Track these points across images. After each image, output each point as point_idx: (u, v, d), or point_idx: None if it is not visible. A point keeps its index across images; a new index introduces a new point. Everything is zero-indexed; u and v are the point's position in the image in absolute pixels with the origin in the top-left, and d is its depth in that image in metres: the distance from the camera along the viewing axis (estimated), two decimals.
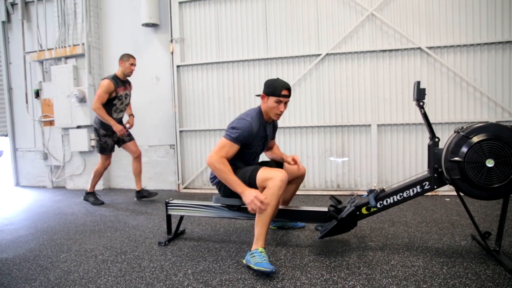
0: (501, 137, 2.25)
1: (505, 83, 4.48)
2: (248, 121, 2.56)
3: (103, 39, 5.84)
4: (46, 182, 6.25)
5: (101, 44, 5.84)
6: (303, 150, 5.07)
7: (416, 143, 4.73)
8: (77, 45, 5.68)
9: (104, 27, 5.82)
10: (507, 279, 2.10)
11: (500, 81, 4.49)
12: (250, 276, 2.27)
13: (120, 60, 4.37)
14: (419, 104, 2.54)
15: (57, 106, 5.80)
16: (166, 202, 3.04)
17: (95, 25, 5.73)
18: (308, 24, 4.99)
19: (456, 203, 4.07)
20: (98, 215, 4.09)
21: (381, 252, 2.61)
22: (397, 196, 2.57)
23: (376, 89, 4.82)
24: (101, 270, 2.46)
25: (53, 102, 5.86)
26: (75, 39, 5.74)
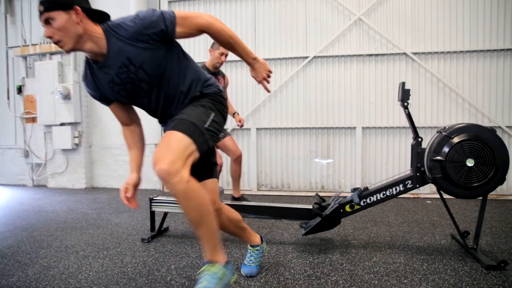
0: (481, 137, 2.31)
1: (486, 90, 4.60)
2: None
3: None
4: (27, 180, 6.12)
5: None
6: (289, 151, 5.10)
7: (400, 146, 4.81)
8: None
9: None
10: (483, 275, 2.15)
11: (481, 88, 4.61)
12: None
13: (210, 48, 3.51)
14: (403, 105, 2.59)
15: (40, 102, 5.70)
16: (150, 199, 3.02)
17: None
18: (296, 26, 5.04)
19: (437, 205, 4.14)
20: (80, 212, 4.02)
21: (363, 250, 2.64)
22: (380, 194, 2.60)
23: (361, 92, 4.89)
24: (82, 266, 2.42)
25: (36, 99, 5.76)
26: None
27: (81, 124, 5.68)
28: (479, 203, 2.48)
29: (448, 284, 2.03)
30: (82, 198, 4.89)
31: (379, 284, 2.05)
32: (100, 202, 4.62)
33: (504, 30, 4.55)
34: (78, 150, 5.72)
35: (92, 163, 5.87)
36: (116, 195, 5.07)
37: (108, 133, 5.77)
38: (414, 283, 2.05)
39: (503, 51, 4.56)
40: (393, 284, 2.05)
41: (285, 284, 2.08)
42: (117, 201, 4.67)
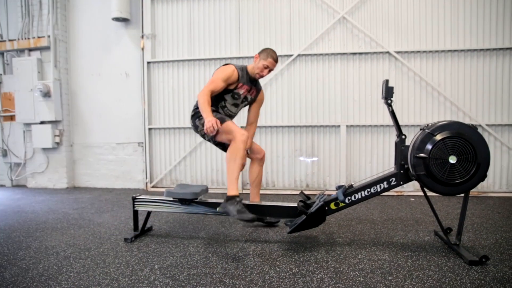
0: (463, 134, 2.34)
1: (466, 89, 4.68)
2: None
3: (71, 32, 5.65)
4: (5, 180, 5.96)
5: (68, 37, 5.66)
6: (273, 150, 5.09)
7: (384, 144, 4.85)
8: (42, 37, 5.47)
9: (71, 19, 5.64)
10: (466, 270, 2.18)
11: (462, 87, 4.69)
12: (218, 271, 2.24)
13: (257, 55, 3.04)
14: (387, 102, 2.61)
15: (19, 100, 5.55)
16: (133, 197, 2.96)
17: (62, 17, 5.54)
18: (280, 24, 5.04)
19: (420, 202, 4.20)
20: (61, 212, 3.93)
21: (348, 247, 2.65)
22: (365, 191, 2.61)
23: (345, 90, 4.91)
24: (63, 267, 2.36)
25: (14, 96, 5.61)
26: (40, 31, 5.53)
27: (62, 123, 5.56)
28: (460, 200, 2.52)
29: (432, 280, 2.05)
30: (64, 198, 4.79)
31: (364, 281, 2.06)
32: (82, 202, 4.53)
33: (483, 30, 4.64)
34: (59, 149, 5.59)
35: (73, 162, 5.75)
36: (99, 194, 4.98)
37: (90, 132, 5.66)
38: (399, 280, 2.06)
39: (483, 51, 4.64)
40: (378, 281, 2.05)
41: (270, 282, 2.06)
42: (100, 200, 4.59)
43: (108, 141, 5.62)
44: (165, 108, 5.39)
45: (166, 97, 5.38)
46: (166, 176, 5.42)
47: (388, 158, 4.83)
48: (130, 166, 5.59)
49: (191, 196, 2.78)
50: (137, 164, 5.56)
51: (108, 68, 5.55)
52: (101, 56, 5.57)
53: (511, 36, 4.59)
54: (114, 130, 5.57)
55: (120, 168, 5.61)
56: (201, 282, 2.08)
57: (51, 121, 5.46)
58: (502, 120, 4.64)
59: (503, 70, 4.63)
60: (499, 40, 4.61)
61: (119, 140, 5.59)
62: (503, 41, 4.60)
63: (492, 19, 4.62)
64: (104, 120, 5.61)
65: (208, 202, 2.82)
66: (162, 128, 5.39)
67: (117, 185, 5.61)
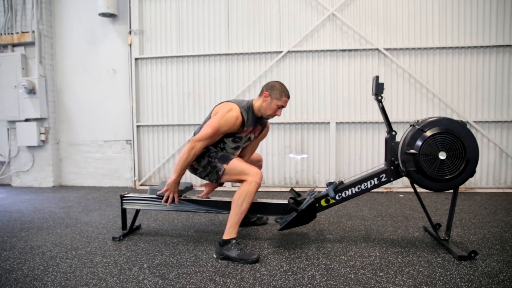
0: (452, 131, 2.35)
1: (454, 86, 4.72)
2: None
3: (56, 28, 5.53)
4: None
5: (54, 32, 5.54)
6: (263, 147, 5.07)
7: (373, 141, 4.87)
8: (26, 33, 5.34)
9: (57, 14, 5.52)
10: (455, 265, 2.19)
11: (450, 84, 4.73)
12: (208, 269, 2.21)
13: (266, 92, 2.59)
14: (377, 98, 2.60)
15: (3, 97, 5.42)
16: (121, 196, 2.91)
17: (47, 12, 5.42)
18: (270, 21, 5.01)
19: (409, 199, 4.22)
20: (47, 212, 3.86)
21: (339, 244, 2.64)
22: (355, 188, 2.61)
23: (335, 87, 4.91)
24: (49, 267, 2.30)
25: None
26: (24, 26, 5.39)
27: (47, 120, 5.44)
28: (448, 196, 2.54)
29: (423, 276, 2.05)
30: (50, 197, 4.70)
31: (355, 277, 2.05)
32: (68, 200, 4.45)
33: (471, 28, 4.68)
34: (44, 147, 5.48)
35: (60, 160, 5.65)
36: (86, 193, 4.90)
37: (77, 129, 5.56)
38: (390, 276, 2.06)
39: (470, 48, 4.68)
40: (369, 277, 2.05)
41: (261, 280, 2.04)
42: (87, 199, 4.51)
43: (95, 139, 5.53)
44: (153, 105, 5.32)
45: (154, 94, 5.31)
46: (154, 174, 5.36)
47: (378, 155, 4.85)
48: (118, 164, 5.51)
49: None
50: (125, 162, 5.48)
51: (95, 64, 5.45)
52: (88, 52, 5.47)
53: (497, 34, 4.64)
54: (101, 128, 5.49)
55: (108, 166, 5.53)
56: (191, 281, 2.05)
57: (36, 118, 5.35)
58: (489, 117, 4.70)
59: (490, 67, 4.68)
60: (486, 38, 4.66)
61: (106, 137, 5.51)
62: (490, 39, 4.65)
63: (479, 17, 4.66)
64: (91, 117, 5.52)
65: (197, 200, 2.79)
66: (151, 125, 5.33)
67: (105, 183, 5.53)
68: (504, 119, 4.66)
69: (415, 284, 1.94)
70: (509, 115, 4.67)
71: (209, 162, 2.61)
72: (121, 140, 5.48)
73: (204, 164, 2.62)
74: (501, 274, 2.06)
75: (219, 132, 2.49)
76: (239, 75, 5.09)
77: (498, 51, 4.65)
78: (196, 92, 5.20)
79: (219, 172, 2.57)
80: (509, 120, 4.66)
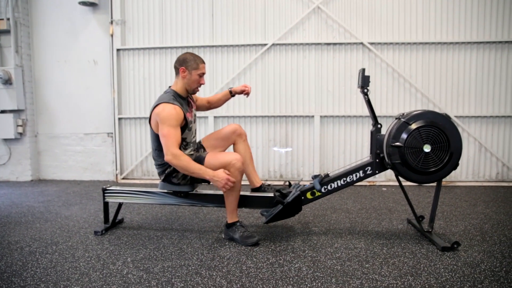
0: (437, 123, 2.37)
1: (437, 81, 4.79)
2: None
3: (33, 16, 5.34)
4: None
5: (31, 21, 5.35)
6: None
7: (357, 135, 4.90)
8: (1, 20, 5.12)
9: (34, 2, 5.31)
10: (439, 256, 2.23)
11: (432, 78, 4.79)
12: (193, 262, 2.19)
13: (182, 67, 2.54)
14: (363, 91, 2.61)
15: None
16: (104, 189, 2.85)
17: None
18: (255, 13, 4.96)
19: (392, 192, 4.28)
20: (25, 206, 3.74)
21: (325, 236, 2.65)
22: (341, 181, 2.61)
23: (320, 81, 4.91)
24: (28, 263, 2.23)
25: None
26: None
27: (25, 112, 5.27)
28: (430, 189, 2.58)
29: (408, 267, 2.07)
30: (28, 191, 4.57)
31: (341, 269, 2.06)
32: (48, 194, 4.34)
33: (453, 24, 4.74)
34: (22, 139, 5.32)
35: (38, 153, 5.49)
36: (67, 187, 4.79)
37: (56, 121, 5.41)
38: (376, 267, 2.07)
39: (452, 44, 4.75)
40: (355, 268, 2.06)
41: (248, 273, 2.03)
42: (67, 193, 4.41)
43: (76, 132, 5.40)
44: (136, 97, 5.22)
45: (136, 85, 5.21)
46: (137, 167, 5.27)
47: (361, 148, 4.89)
48: (99, 157, 5.39)
49: (188, 188, 2.67)
50: (106, 155, 5.37)
51: (75, 55, 5.31)
52: (68, 42, 5.31)
53: (478, 31, 4.72)
54: (82, 120, 5.35)
55: (89, 159, 5.41)
56: (176, 274, 2.02)
57: (13, 110, 5.17)
58: (469, 112, 4.79)
59: (471, 63, 4.76)
60: (467, 34, 4.73)
61: (87, 130, 5.38)
62: (471, 36, 4.73)
63: (461, 13, 4.72)
64: (71, 109, 5.37)
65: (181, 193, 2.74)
66: (133, 117, 5.23)
67: (86, 177, 5.41)
68: (484, 114, 4.75)
69: (400, 275, 1.96)
70: (489, 110, 4.77)
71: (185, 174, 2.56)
72: (103, 133, 5.36)
73: (181, 176, 2.59)
74: (482, 264, 2.10)
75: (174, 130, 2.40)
76: (223, 67, 5.04)
77: (479, 48, 4.74)
78: None
79: None
80: (488, 115, 4.76)
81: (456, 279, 1.90)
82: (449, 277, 1.93)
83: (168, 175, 2.60)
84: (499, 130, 4.78)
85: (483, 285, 1.83)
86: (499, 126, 4.78)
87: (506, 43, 4.70)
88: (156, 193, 2.76)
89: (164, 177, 2.63)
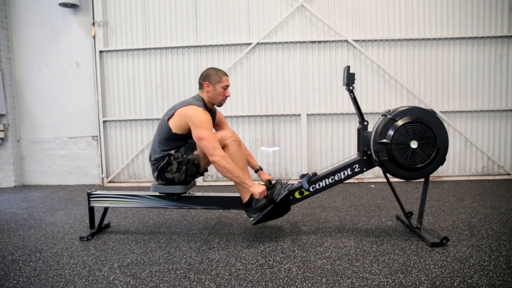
0: (423, 119, 2.37)
1: (421, 77, 4.83)
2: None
3: (12, 18, 5.22)
4: None
5: (10, 23, 5.23)
6: None
7: (344, 132, 4.91)
8: None
9: (12, 4, 5.21)
10: (428, 252, 2.23)
11: (417, 75, 4.83)
12: (182, 266, 2.14)
13: (206, 82, 2.64)
14: (348, 89, 2.59)
15: None
16: (88, 193, 2.78)
17: (1, 0, 5.10)
18: (239, 12, 4.93)
19: (380, 189, 4.29)
20: (8, 213, 3.65)
21: (314, 236, 2.63)
22: (329, 179, 2.60)
23: (305, 79, 4.91)
24: (10, 272, 2.16)
25: None
26: None
27: (6, 116, 5.15)
28: (418, 185, 2.58)
29: (398, 264, 2.07)
30: (11, 198, 4.46)
31: (332, 268, 2.04)
32: (32, 200, 4.24)
33: (436, 20, 4.78)
34: (4, 145, 5.20)
35: (21, 158, 5.37)
36: (51, 192, 4.69)
37: (39, 126, 5.30)
38: (366, 265, 2.06)
39: (436, 40, 4.79)
40: (345, 267, 2.04)
41: (237, 275, 2.00)
42: (52, 198, 4.31)
43: (59, 136, 5.29)
44: (120, 99, 5.14)
45: (121, 88, 5.13)
46: (123, 170, 5.20)
47: (349, 146, 4.90)
48: (84, 161, 5.30)
49: (181, 190, 2.62)
50: (92, 159, 5.28)
51: (57, 57, 5.20)
52: (49, 44, 5.21)
53: (461, 27, 4.77)
54: (66, 124, 5.25)
55: (74, 163, 5.31)
56: (164, 279, 1.98)
57: None
58: (454, 107, 4.83)
59: (454, 59, 4.81)
60: (450, 30, 4.78)
61: (71, 134, 5.28)
62: (454, 31, 4.78)
63: (443, 9, 4.77)
64: (54, 113, 5.27)
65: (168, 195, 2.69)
66: (118, 120, 5.15)
67: (71, 181, 5.32)
68: (468, 109, 4.81)
69: (391, 273, 1.95)
70: (473, 105, 4.83)
71: (179, 163, 2.54)
72: (87, 136, 5.27)
73: (175, 169, 2.55)
74: (471, 259, 2.10)
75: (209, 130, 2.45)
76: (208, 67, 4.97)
77: (462, 43, 4.79)
78: (164, 86, 5.07)
79: (195, 161, 2.54)
80: (473, 110, 4.81)
81: (446, 275, 1.90)
82: (439, 273, 1.93)
83: (161, 170, 2.58)
84: (484, 124, 4.85)
85: (472, 280, 1.83)
86: (483, 120, 4.84)
87: (488, 38, 4.76)
88: (142, 196, 2.71)
89: (158, 173, 2.60)
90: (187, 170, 2.55)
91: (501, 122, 4.84)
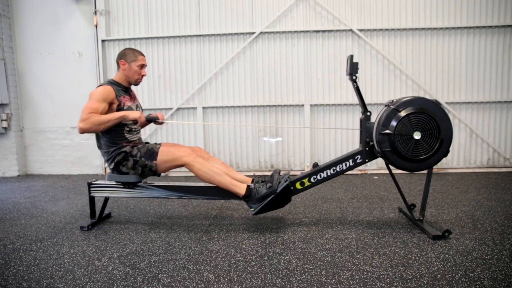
0: (427, 110, 2.32)
1: (427, 67, 4.75)
2: None
3: (14, 7, 5.19)
4: None
5: (12, 12, 5.19)
6: (237, 131, 4.98)
7: (347, 123, 4.86)
8: None
9: None
10: (430, 245, 2.20)
11: (422, 65, 4.75)
12: (181, 257, 2.13)
13: (122, 60, 2.66)
14: (352, 78, 2.54)
15: None
16: (89, 183, 2.78)
17: None
18: (242, 1, 4.86)
19: (383, 180, 4.25)
20: (11, 202, 3.66)
21: (315, 227, 2.61)
22: (330, 170, 2.57)
23: (309, 69, 4.85)
24: (11, 261, 2.17)
25: None
26: None
27: (9, 106, 5.15)
28: (421, 177, 2.54)
29: (399, 257, 2.04)
30: (14, 187, 4.48)
31: (332, 260, 2.02)
32: (34, 190, 4.25)
33: (443, 9, 4.69)
34: (7, 134, 5.20)
35: (24, 148, 5.38)
36: (54, 182, 4.70)
37: (42, 115, 5.30)
38: (367, 258, 2.04)
39: (442, 29, 4.70)
40: (346, 260, 2.02)
41: (236, 266, 1.99)
42: (54, 188, 4.32)
43: (62, 125, 5.29)
44: None
45: None
46: None
47: (352, 137, 4.85)
48: (87, 151, 5.30)
49: (136, 179, 2.64)
50: (94, 149, 5.25)
51: (59, 47, 5.17)
52: (51, 34, 5.17)
53: (468, 16, 4.67)
54: (68, 113, 5.24)
55: (76, 153, 5.31)
56: (163, 269, 1.97)
57: None
58: (460, 98, 4.76)
59: (461, 49, 4.72)
60: (457, 19, 4.68)
61: (74, 123, 5.27)
62: (461, 21, 4.68)
63: None
64: (57, 102, 5.26)
65: (169, 186, 2.68)
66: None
67: (74, 171, 5.33)
68: (475, 100, 4.73)
69: (391, 265, 1.93)
70: (479, 96, 4.75)
71: (135, 162, 2.58)
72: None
73: (131, 166, 2.59)
74: (474, 252, 2.07)
75: (99, 104, 2.49)
76: (210, 57, 4.95)
77: (469, 33, 4.69)
78: (166, 75, 5.03)
79: (153, 169, 2.57)
80: (479, 101, 4.74)
81: (447, 268, 1.88)
82: (440, 266, 1.91)
83: (117, 164, 2.62)
84: (490, 116, 4.77)
85: (474, 274, 1.81)
86: (489, 112, 4.77)
87: (496, 28, 4.66)
88: (143, 186, 2.70)
89: (113, 166, 2.64)
90: (143, 172, 2.60)
91: (508, 114, 4.76)
